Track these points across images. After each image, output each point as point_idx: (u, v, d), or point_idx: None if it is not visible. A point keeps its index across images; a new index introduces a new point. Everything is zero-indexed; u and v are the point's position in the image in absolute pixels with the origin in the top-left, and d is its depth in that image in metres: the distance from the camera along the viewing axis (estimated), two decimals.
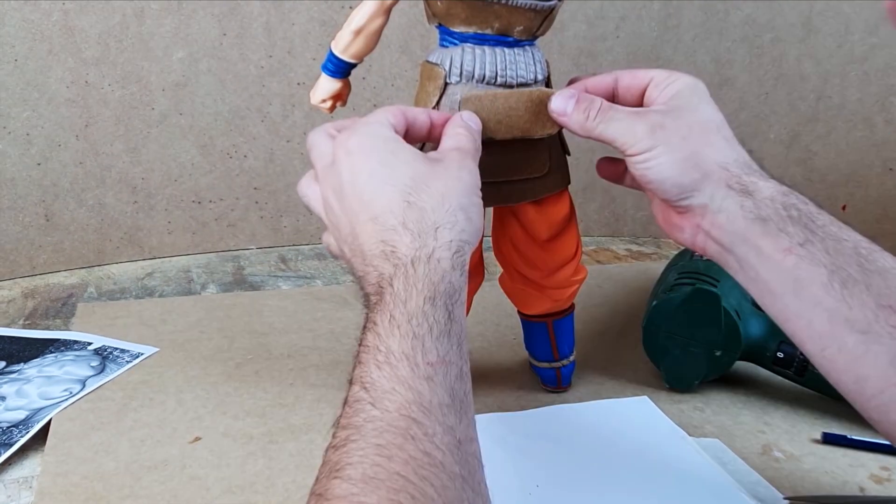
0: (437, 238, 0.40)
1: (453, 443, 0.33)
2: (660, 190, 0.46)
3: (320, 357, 0.67)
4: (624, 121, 0.46)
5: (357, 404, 0.34)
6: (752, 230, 0.43)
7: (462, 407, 0.35)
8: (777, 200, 0.43)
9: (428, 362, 0.35)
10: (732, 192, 0.44)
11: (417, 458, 0.31)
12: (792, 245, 0.42)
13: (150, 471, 0.51)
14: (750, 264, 0.44)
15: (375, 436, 0.32)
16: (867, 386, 0.40)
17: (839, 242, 0.42)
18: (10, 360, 0.65)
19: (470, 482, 0.33)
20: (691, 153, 0.45)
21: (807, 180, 1.00)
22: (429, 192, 0.41)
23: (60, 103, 0.82)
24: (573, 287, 0.58)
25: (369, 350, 0.36)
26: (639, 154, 0.45)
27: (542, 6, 0.49)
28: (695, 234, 0.46)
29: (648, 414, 0.59)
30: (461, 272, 0.40)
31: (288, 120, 0.90)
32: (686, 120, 0.46)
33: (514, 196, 0.53)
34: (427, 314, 0.37)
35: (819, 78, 0.97)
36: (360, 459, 0.31)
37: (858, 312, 0.40)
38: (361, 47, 0.51)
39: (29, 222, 0.84)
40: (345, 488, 0.30)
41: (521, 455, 0.52)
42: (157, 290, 0.82)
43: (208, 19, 0.84)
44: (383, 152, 0.43)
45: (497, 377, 0.64)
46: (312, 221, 0.95)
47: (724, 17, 0.96)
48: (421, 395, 0.34)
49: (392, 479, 0.30)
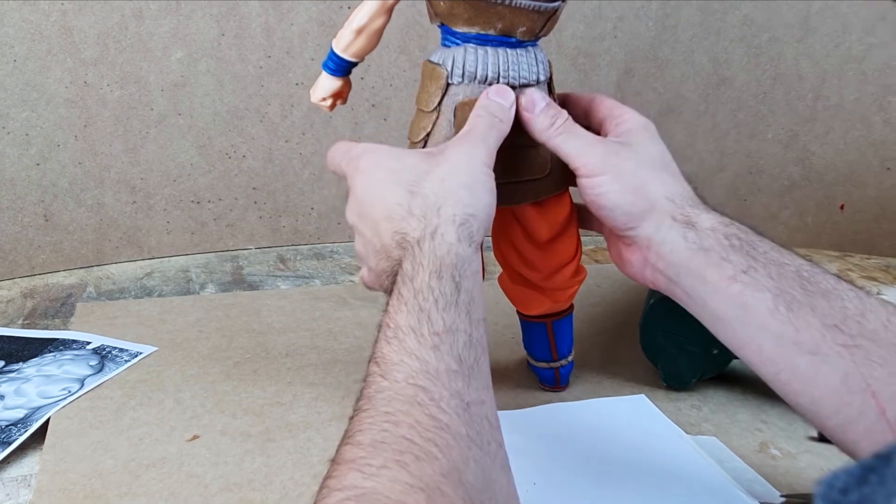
0: (440, 215, 0.42)
1: (461, 406, 0.35)
2: (610, 217, 0.48)
3: (318, 356, 0.67)
4: (583, 139, 0.49)
5: (370, 378, 0.36)
6: (695, 260, 0.45)
7: (471, 372, 0.37)
8: (718, 231, 0.45)
9: (434, 332, 0.37)
10: (676, 224, 0.46)
11: (423, 422, 0.33)
12: (736, 273, 0.43)
13: (148, 469, 0.51)
14: (697, 294, 0.45)
15: (384, 404, 0.34)
16: (823, 406, 0.41)
17: (781, 267, 0.43)
18: (9, 360, 0.65)
19: (477, 441, 0.34)
20: (640, 184, 0.47)
21: (804, 180, 1.01)
22: (430, 180, 0.44)
23: (59, 103, 0.82)
24: (573, 288, 0.58)
25: (381, 329, 0.39)
26: (591, 177, 0.48)
27: (545, 7, 0.48)
28: (643, 266, 0.49)
29: (645, 412, 0.59)
30: (469, 243, 0.42)
31: (286, 120, 0.90)
32: (637, 153, 0.49)
33: (515, 197, 0.53)
34: (433, 288, 0.39)
35: (817, 78, 0.97)
36: (369, 426, 0.33)
37: (805, 334, 0.41)
38: (363, 46, 0.51)
39: (28, 222, 0.84)
40: (354, 452, 0.32)
41: (518, 453, 0.52)
42: (156, 289, 0.82)
43: (207, 20, 0.84)
44: (388, 159, 0.46)
45: (495, 376, 0.63)
46: (311, 222, 0.96)
47: (722, 16, 0.96)
48: (427, 364, 0.36)
49: (398, 442, 0.32)
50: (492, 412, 0.37)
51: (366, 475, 0.31)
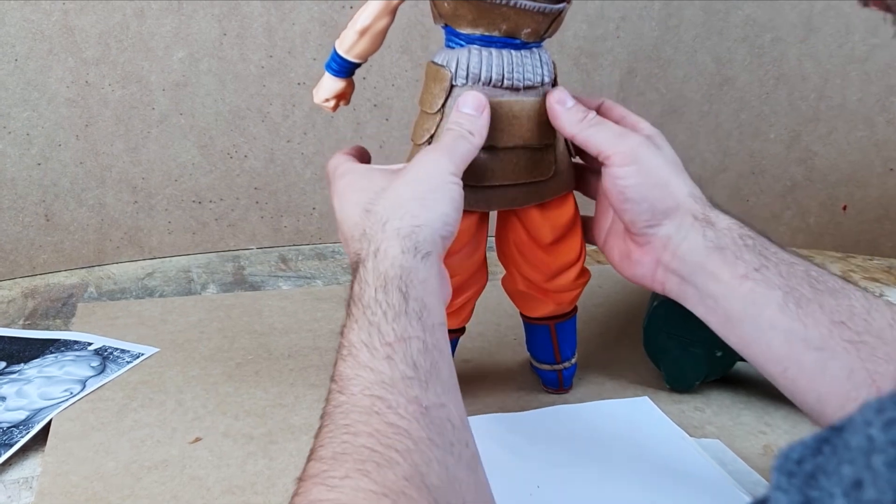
0: (384, 230, 0.42)
1: (419, 411, 0.35)
2: (635, 211, 0.48)
3: (320, 357, 0.67)
4: (614, 130, 0.50)
5: (330, 395, 0.37)
6: (711, 259, 0.46)
7: (429, 377, 0.37)
8: (734, 230, 0.46)
9: (386, 342, 0.38)
10: (697, 223, 0.47)
11: (382, 430, 0.34)
12: (748, 271, 0.44)
13: (150, 471, 0.51)
14: (709, 293, 0.46)
15: (342, 417, 0.35)
16: (828, 403, 0.42)
17: (791, 266, 0.44)
18: (11, 361, 0.65)
19: (439, 443, 0.34)
20: (667, 182, 0.48)
21: (807, 180, 1.00)
22: (384, 197, 0.44)
23: (60, 103, 0.82)
24: (576, 290, 0.58)
25: (339, 349, 0.39)
26: (621, 166, 0.48)
27: (550, 9, 0.48)
28: (654, 268, 0.49)
29: (649, 414, 0.59)
30: (414, 254, 0.42)
31: (288, 120, 0.90)
32: (661, 152, 0.50)
33: (518, 199, 0.53)
34: (379, 301, 0.39)
35: (820, 78, 0.97)
36: (329, 440, 0.34)
37: (814, 330, 0.42)
38: (366, 47, 0.51)
39: (29, 222, 0.84)
40: (317, 467, 0.32)
41: (522, 456, 0.52)
42: (158, 290, 0.82)
43: (208, 19, 0.84)
44: (360, 180, 0.47)
45: (498, 377, 0.64)
46: (312, 222, 0.95)
47: (725, 17, 0.96)
48: (382, 374, 0.36)
49: (358, 451, 0.33)
50: (455, 414, 0.37)
51: (329, 487, 0.31)
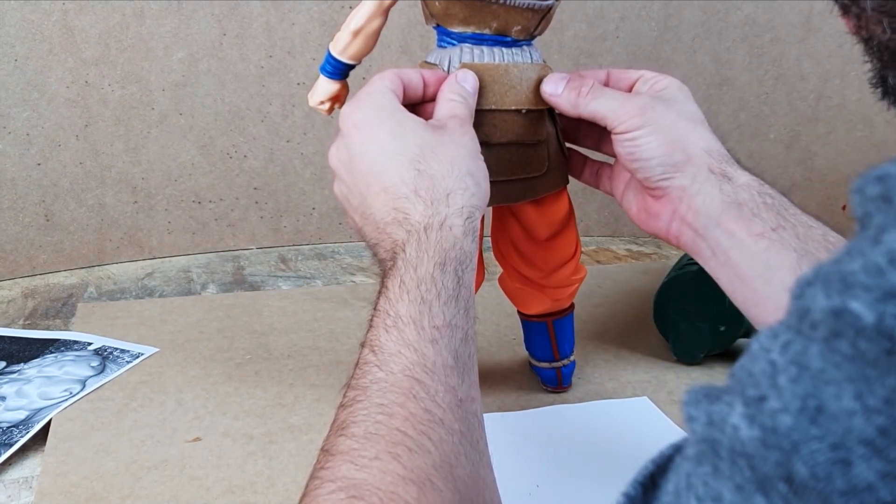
0: (449, 205, 0.41)
1: (454, 401, 0.35)
2: (644, 168, 0.47)
3: (320, 357, 0.67)
4: (616, 99, 0.48)
5: (365, 366, 0.36)
6: (727, 214, 0.44)
7: (465, 368, 0.37)
8: (753, 188, 0.45)
9: (434, 326, 0.37)
10: (713, 176, 0.45)
11: (418, 415, 0.33)
12: (765, 229, 0.43)
13: (150, 471, 0.51)
14: (722, 249, 0.45)
15: (379, 396, 0.34)
16: None
17: (809, 229, 0.43)
18: (11, 361, 0.65)
19: (468, 437, 0.34)
20: (679, 137, 0.46)
21: (806, 180, 1.00)
22: (437, 160, 0.42)
23: (60, 103, 0.82)
24: (573, 286, 0.58)
25: (380, 314, 0.38)
26: (628, 132, 0.47)
27: (539, 6, 0.49)
28: (670, 220, 0.48)
29: (648, 414, 0.59)
30: (472, 238, 0.41)
31: (288, 120, 0.90)
32: (673, 109, 0.48)
33: (513, 195, 0.53)
34: (436, 279, 0.38)
35: (819, 78, 0.97)
36: (363, 418, 0.33)
37: None
38: (360, 48, 0.51)
39: (29, 222, 0.84)
40: (348, 444, 0.32)
41: (522, 455, 0.52)
42: (157, 290, 0.82)
43: (208, 19, 0.84)
44: (390, 123, 0.43)
45: (497, 377, 0.64)
46: (312, 222, 0.95)
47: (724, 16, 0.96)
48: (425, 357, 0.36)
49: (391, 433, 0.32)
50: (480, 410, 0.37)
51: (358, 466, 0.31)
